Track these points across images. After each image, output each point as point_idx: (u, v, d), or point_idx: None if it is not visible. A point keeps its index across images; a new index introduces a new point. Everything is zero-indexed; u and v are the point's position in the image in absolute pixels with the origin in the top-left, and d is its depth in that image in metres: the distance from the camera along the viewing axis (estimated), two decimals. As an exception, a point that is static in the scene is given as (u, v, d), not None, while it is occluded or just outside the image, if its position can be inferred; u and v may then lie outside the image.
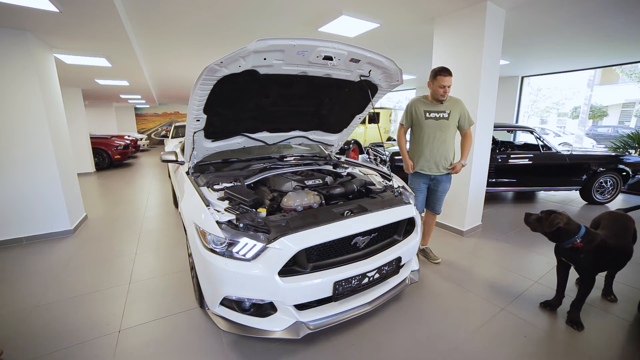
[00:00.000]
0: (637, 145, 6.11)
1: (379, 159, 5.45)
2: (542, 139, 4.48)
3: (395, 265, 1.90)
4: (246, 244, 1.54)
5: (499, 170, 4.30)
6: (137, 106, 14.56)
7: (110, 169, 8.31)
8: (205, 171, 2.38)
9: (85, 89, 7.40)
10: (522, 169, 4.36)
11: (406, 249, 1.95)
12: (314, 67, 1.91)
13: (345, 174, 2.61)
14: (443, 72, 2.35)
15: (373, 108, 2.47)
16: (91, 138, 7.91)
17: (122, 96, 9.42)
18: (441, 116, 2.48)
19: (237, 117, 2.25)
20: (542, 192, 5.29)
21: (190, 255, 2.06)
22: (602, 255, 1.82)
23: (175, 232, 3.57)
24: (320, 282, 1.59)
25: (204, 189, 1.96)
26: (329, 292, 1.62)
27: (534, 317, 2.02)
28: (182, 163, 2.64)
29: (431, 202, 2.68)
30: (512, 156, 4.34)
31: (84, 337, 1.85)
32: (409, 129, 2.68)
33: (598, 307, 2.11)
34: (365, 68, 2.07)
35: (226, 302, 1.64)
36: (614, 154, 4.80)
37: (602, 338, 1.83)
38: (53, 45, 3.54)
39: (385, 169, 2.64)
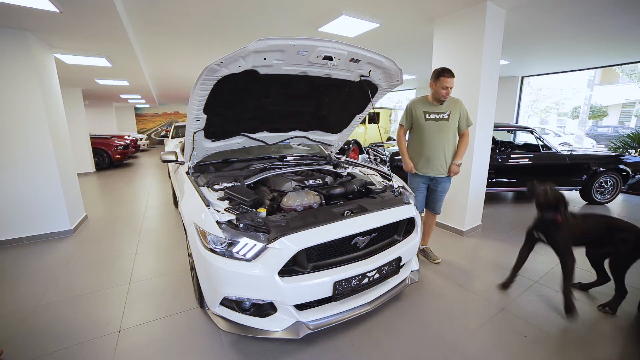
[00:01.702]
0: (637, 145, 6.12)
1: (379, 159, 5.45)
2: (542, 139, 4.48)
3: (395, 265, 1.90)
4: (246, 244, 1.55)
5: (499, 170, 4.30)
6: (137, 106, 14.56)
7: (110, 169, 8.31)
8: (205, 171, 2.38)
9: (85, 89, 7.41)
10: (522, 169, 4.36)
11: (406, 249, 1.96)
12: (314, 67, 1.91)
13: (345, 174, 2.61)
14: (446, 73, 2.34)
15: (373, 108, 2.47)
16: (91, 138, 7.91)
17: (122, 96, 9.42)
18: (441, 117, 2.48)
19: (237, 117, 2.25)
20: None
21: (190, 255, 2.06)
22: (570, 234, 1.97)
23: (175, 232, 3.57)
24: (320, 282, 1.59)
25: (204, 189, 1.96)
26: (329, 292, 1.62)
27: (534, 317, 2.02)
28: (182, 163, 2.64)
29: (431, 203, 2.68)
30: (512, 156, 4.34)
31: (84, 337, 1.85)
32: (409, 130, 2.68)
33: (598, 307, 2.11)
34: (365, 68, 2.07)
35: (226, 302, 1.64)
36: (614, 154, 4.80)
37: (602, 338, 1.83)
38: (53, 45, 3.54)
39: (385, 169, 2.64)
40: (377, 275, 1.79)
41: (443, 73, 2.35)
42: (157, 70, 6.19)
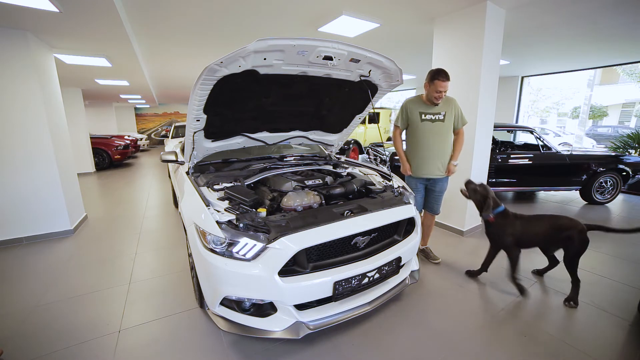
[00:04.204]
0: (637, 145, 6.12)
1: (379, 159, 5.45)
2: (542, 139, 4.48)
3: (395, 265, 1.90)
4: (246, 244, 1.55)
5: (499, 170, 4.30)
6: (137, 106, 14.56)
7: (110, 169, 8.31)
8: (205, 171, 2.38)
9: (85, 89, 7.41)
10: (522, 169, 4.36)
11: (406, 249, 1.96)
12: (314, 67, 1.91)
13: (345, 174, 2.60)
14: (441, 76, 2.29)
15: (373, 108, 2.47)
16: (91, 138, 7.91)
17: (122, 96, 9.42)
18: (437, 118, 2.46)
19: (237, 117, 2.25)
20: (542, 192, 5.29)
21: (190, 255, 2.06)
22: (507, 233, 2.20)
23: (175, 232, 3.57)
24: (320, 282, 1.59)
25: (204, 189, 1.96)
26: (329, 292, 1.62)
27: (534, 317, 2.02)
28: (182, 163, 2.64)
29: (429, 203, 2.69)
30: (512, 156, 4.34)
31: (84, 337, 1.85)
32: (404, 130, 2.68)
33: (597, 307, 2.11)
34: (365, 68, 2.07)
35: (226, 302, 1.64)
36: (614, 154, 4.80)
37: (602, 338, 1.83)
38: (53, 45, 3.54)
39: (385, 169, 2.63)
40: (377, 275, 1.79)
41: (437, 76, 2.29)
42: (157, 70, 6.19)
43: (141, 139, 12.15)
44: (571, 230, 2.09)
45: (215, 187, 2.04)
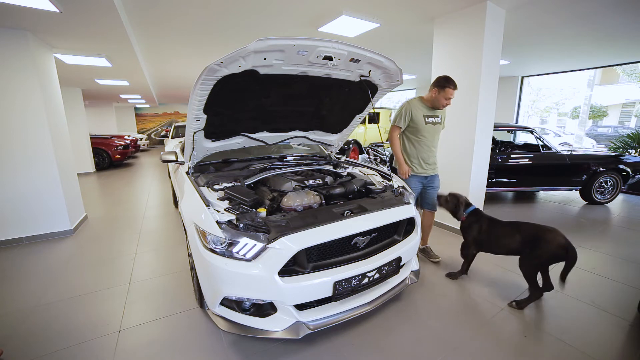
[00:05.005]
0: (637, 145, 6.12)
1: (379, 159, 5.46)
2: (542, 139, 4.48)
3: (395, 265, 1.90)
4: (246, 244, 1.54)
5: (499, 170, 4.30)
6: (137, 106, 14.57)
7: (110, 169, 8.31)
8: (205, 171, 2.38)
9: (85, 89, 7.41)
10: (522, 169, 4.36)
11: (406, 249, 1.96)
12: (314, 67, 1.91)
13: (345, 174, 2.61)
14: (451, 85, 2.40)
15: (373, 108, 2.47)
16: (91, 138, 7.91)
17: (122, 96, 9.42)
18: (437, 121, 2.59)
19: (237, 117, 2.25)
20: (542, 192, 5.29)
21: (190, 255, 2.06)
22: (472, 233, 2.33)
23: (175, 232, 3.57)
24: (320, 282, 1.59)
25: (204, 189, 1.96)
26: (329, 292, 1.62)
27: (534, 317, 2.02)
28: (182, 163, 2.64)
29: (430, 200, 2.72)
30: (512, 156, 4.34)
31: (84, 337, 1.85)
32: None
33: (597, 307, 2.11)
34: (365, 68, 2.07)
35: (226, 302, 1.64)
36: (614, 154, 4.80)
37: (602, 338, 1.83)
38: (53, 45, 3.54)
39: (385, 169, 2.64)
40: (377, 275, 1.79)
41: (449, 84, 2.40)
42: (157, 70, 6.19)
43: (141, 139, 12.15)
44: (555, 244, 1.92)
45: (215, 187, 2.04)
